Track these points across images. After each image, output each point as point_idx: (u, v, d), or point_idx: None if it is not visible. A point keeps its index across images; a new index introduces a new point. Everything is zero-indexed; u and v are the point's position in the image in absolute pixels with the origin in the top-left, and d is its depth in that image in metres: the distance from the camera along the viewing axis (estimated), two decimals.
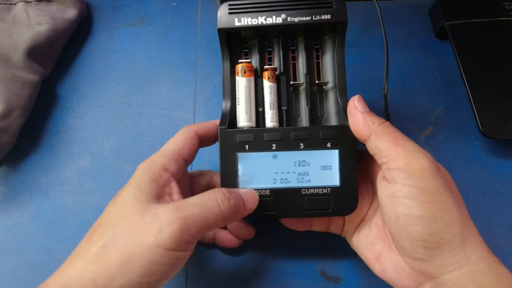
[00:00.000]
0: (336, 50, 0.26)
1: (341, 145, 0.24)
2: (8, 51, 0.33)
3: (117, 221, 0.21)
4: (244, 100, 0.26)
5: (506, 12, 0.35)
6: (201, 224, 0.20)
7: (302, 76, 0.27)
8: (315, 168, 0.24)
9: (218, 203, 0.21)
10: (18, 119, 0.32)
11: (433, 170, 0.20)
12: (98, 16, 0.41)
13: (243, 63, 0.26)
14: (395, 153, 0.20)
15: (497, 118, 0.31)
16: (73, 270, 0.20)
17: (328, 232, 0.28)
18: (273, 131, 0.25)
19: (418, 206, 0.19)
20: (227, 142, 0.25)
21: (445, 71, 0.36)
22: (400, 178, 0.20)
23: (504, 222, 0.30)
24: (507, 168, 0.32)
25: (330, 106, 0.27)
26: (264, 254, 0.30)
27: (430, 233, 0.19)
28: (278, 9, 0.25)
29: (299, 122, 0.27)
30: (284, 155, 0.24)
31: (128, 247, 0.19)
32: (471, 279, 0.19)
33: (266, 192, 0.25)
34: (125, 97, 0.37)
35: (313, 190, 0.24)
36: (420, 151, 0.20)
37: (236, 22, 0.25)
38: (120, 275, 0.19)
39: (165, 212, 0.20)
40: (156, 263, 0.19)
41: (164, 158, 0.23)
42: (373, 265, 0.24)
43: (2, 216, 0.32)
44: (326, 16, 0.25)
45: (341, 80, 0.26)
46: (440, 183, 0.20)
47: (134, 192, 0.21)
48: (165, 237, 0.19)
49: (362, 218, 0.26)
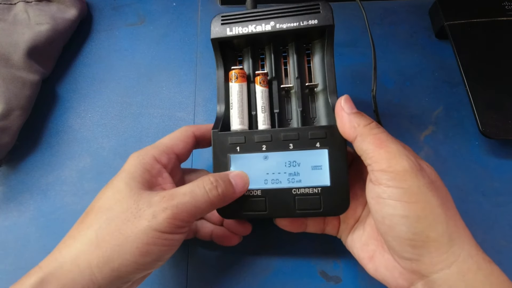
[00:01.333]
0: (325, 53, 0.27)
1: (330, 144, 0.24)
2: (8, 51, 0.33)
3: (110, 206, 0.21)
4: (237, 104, 0.27)
5: (506, 12, 0.35)
6: (192, 210, 0.21)
7: (293, 80, 0.28)
8: (306, 168, 0.25)
9: (206, 191, 0.22)
10: (18, 119, 0.32)
11: (415, 171, 0.20)
12: (98, 16, 0.41)
13: (236, 69, 0.27)
14: (379, 155, 0.21)
15: (497, 118, 0.31)
16: (67, 252, 0.20)
17: (326, 233, 0.28)
18: (263, 132, 0.25)
19: (401, 207, 0.20)
20: (220, 144, 0.26)
21: (445, 71, 0.36)
22: (384, 179, 0.20)
23: (504, 222, 0.30)
24: (507, 168, 0.32)
25: (321, 108, 0.27)
26: (264, 254, 0.30)
27: (415, 232, 0.19)
28: (268, 18, 0.26)
29: (291, 125, 0.27)
30: (275, 156, 0.25)
31: (123, 230, 0.20)
32: (461, 277, 0.19)
33: (258, 193, 0.25)
34: (125, 97, 0.37)
35: (304, 190, 0.24)
36: (403, 153, 0.21)
37: (228, 31, 0.27)
38: (117, 256, 0.20)
39: (158, 200, 0.21)
40: (152, 244, 0.20)
41: (156, 150, 0.25)
42: (366, 264, 0.24)
43: (2, 216, 0.32)
44: (313, 21, 0.26)
45: (331, 82, 0.26)
46: (424, 183, 0.20)
47: (126, 180, 0.22)
48: (159, 221, 0.20)
49: (357, 219, 0.26)
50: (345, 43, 0.38)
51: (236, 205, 0.25)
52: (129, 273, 0.20)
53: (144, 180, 0.23)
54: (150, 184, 0.23)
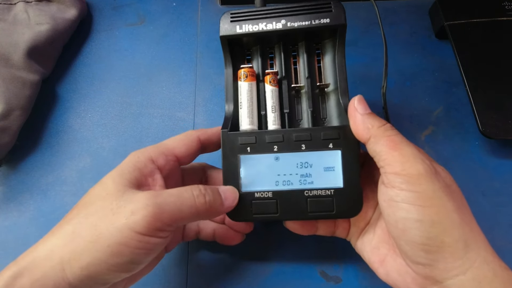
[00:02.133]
0: (336, 52, 0.26)
1: (344, 145, 0.24)
2: (8, 51, 0.33)
3: (92, 202, 0.21)
4: (246, 104, 0.26)
5: (506, 12, 0.35)
6: (174, 213, 0.21)
7: (304, 80, 0.27)
8: (318, 169, 0.24)
9: (193, 196, 0.22)
10: (18, 119, 0.32)
11: (430, 174, 0.19)
12: (98, 16, 0.41)
13: (245, 68, 0.27)
14: (392, 157, 0.20)
15: (497, 118, 0.31)
16: (42, 247, 0.20)
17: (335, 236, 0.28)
18: (274, 132, 0.25)
19: (416, 210, 0.19)
20: (229, 144, 0.25)
21: (445, 71, 0.36)
22: (397, 182, 0.20)
23: (504, 222, 0.30)
24: (507, 168, 0.32)
25: (332, 108, 0.27)
26: (264, 254, 0.30)
27: (429, 236, 0.19)
28: (278, 16, 0.26)
29: (302, 125, 0.27)
30: (286, 157, 0.24)
31: (98, 226, 0.20)
32: (476, 284, 0.18)
33: (269, 195, 0.24)
34: (125, 97, 0.37)
35: (316, 191, 0.24)
36: (417, 155, 0.20)
37: (237, 29, 0.26)
38: (88, 253, 0.19)
39: (141, 197, 0.20)
40: (124, 244, 0.19)
41: (155, 150, 0.24)
42: (377, 268, 0.24)
43: (2, 216, 0.32)
44: (325, 20, 0.25)
45: (342, 82, 0.26)
46: (439, 187, 0.19)
47: (114, 176, 0.22)
48: (137, 219, 0.19)
49: (367, 221, 0.26)
50: (346, 43, 0.38)
51: (246, 207, 0.24)
52: (99, 274, 0.19)
53: (133, 178, 0.22)
54: (139, 183, 0.22)
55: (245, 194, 0.24)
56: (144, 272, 0.25)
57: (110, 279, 0.20)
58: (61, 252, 0.19)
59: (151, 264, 0.25)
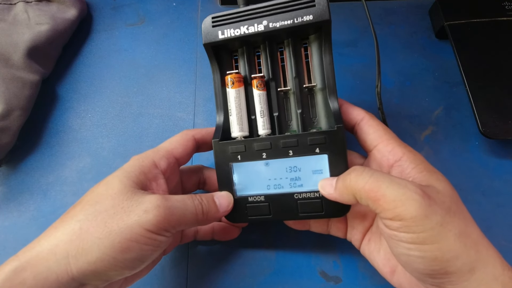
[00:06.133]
0: (323, 50, 0.26)
1: (330, 149, 0.24)
2: (8, 51, 0.33)
3: (100, 200, 0.21)
4: (235, 111, 0.26)
5: (506, 12, 0.35)
6: (181, 218, 0.22)
7: (292, 80, 0.27)
8: (307, 172, 0.25)
9: (194, 205, 0.23)
10: (18, 119, 0.32)
11: (424, 212, 0.19)
12: (98, 16, 0.41)
13: (232, 74, 0.26)
14: (380, 207, 0.20)
15: (497, 118, 0.31)
16: (46, 241, 0.20)
17: (330, 234, 0.28)
18: (262, 140, 0.25)
19: (416, 248, 0.19)
20: (221, 153, 0.26)
21: (445, 71, 0.36)
22: (393, 227, 0.20)
23: (504, 222, 0.30)
24: (507, 168, 0.32)
25: (321, 108, 0.27)
26: (264, 253, 0.30)
27: (433, 269, 0.19)
28: (260, 16, 0.25)
29: (292, 126, 0.27)
30: (276, 162, 0.25)
31: (109, 223, 0.20)
32: None
33: (261, 198, 0.25)
34: (125, 97, 0.37)
35: (305, 194, 0.25)
36: (403, 194, 0.19)
37: (219, 35, 0.26)
38: (97, 248, 0.20)
39: (152, 199, 0.21)
40: (135, 240, 0.20)
41: (156, 155, 0.25)
42: (390, 279, 0.24)
43: (2, 216, 0.32)
44: (308, 17, 0.24)
45: (330, 81, 0.25)
46: (436, 222, 0.19)
47: (121, 177, 0.22)
48: (149, 218, 0.20)
49: (368, 227, 0.26)
50: (345, 43, 0.38)
51: (242, 210, 0.26)
52: (106, 270, 0.20)
53: (139, 181, 0.23)
54: (144, 186, 0.23)
55: (240, 199, 0.26)
56: (140, 275, 0.25)
57: (113, 276, 0.21)
58: (67, 247, 0.20)
59: (149, 266, 0.26)
